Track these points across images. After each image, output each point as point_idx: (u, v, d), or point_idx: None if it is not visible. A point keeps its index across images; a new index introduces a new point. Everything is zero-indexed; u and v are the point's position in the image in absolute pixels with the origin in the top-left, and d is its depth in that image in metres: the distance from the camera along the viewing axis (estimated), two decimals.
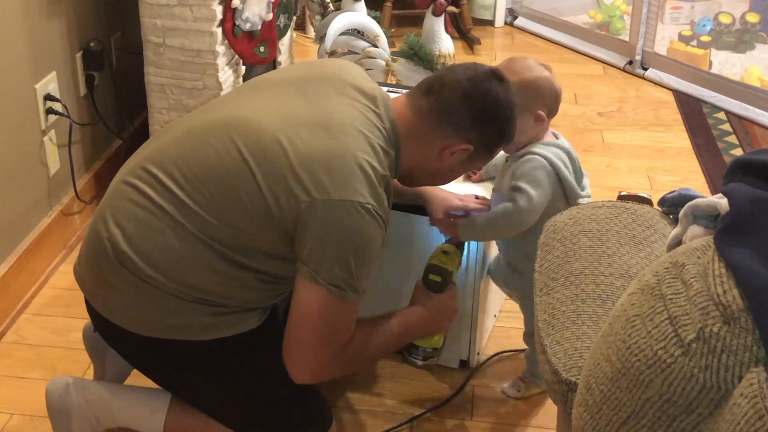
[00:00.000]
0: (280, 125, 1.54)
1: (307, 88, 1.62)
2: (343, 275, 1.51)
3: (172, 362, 1.64)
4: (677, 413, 0.94)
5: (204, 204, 1.52)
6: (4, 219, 2.20)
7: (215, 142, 1.55)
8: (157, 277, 1.53)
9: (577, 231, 1.45)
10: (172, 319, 1.56)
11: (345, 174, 1.49)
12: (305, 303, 1.54)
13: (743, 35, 4.04)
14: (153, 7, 2.47)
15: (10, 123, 2.19)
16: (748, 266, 0.92)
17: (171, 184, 1.54)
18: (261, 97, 1.63)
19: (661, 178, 2.98)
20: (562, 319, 1.29)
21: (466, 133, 1.62)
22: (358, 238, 1.51)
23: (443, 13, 2.91)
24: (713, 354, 0.90)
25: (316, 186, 1.48)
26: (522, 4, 4.39)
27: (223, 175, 1.52)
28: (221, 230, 1.52)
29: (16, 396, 1.98)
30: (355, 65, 1.78)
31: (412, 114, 1.63)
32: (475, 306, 1.99)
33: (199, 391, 1.68)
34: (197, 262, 1.54)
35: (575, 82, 3.73)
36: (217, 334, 1.58)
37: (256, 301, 1.61)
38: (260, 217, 1.51)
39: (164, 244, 1.53)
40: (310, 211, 1.48)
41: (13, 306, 2.23)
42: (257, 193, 1.50)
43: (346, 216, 1.49)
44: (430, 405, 1.96)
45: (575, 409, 1.09)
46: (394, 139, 1.61)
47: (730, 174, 1.07)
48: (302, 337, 1.56)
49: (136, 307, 1.57)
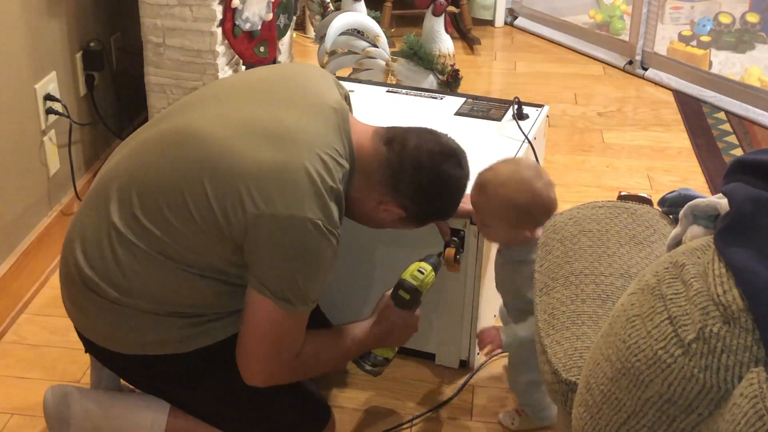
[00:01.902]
0: (232, 134, 1.51)
1: (265, 95, 1.60)
2: (292, 290, 1.50)
3: (160, 377, 1.64)
4: (677, 413, 0.94)
5: (158, 223, 1.51)
6: (4, 219, 2.20)
7: (166, 154, 1.53)
8: (124, 299, 1.53)
9: (577, 231, 1.45)
10: (150, 335, 1.56)
11: (295, 189, 1.47)
12: (254, 314, 1.53)
13: (743, 35, 4.04)
14: (153, 7, 2.47)
15: (10, 123, 2.19)
16: (748, 266, 0.92)
17: (127, 203, 1.53)
18: (216, 104, 1.60)
19: (661, 178, 2.98)
20: (562, 319, 1.29)
21: (403, 200, 1.63)
22: (306, 254, 1.50)
23: (443, 13, 2.91)
24: (713, 354, 0.91)
25: (265, 199, 1.46)
26: (522, 4, 4.39)
27: (173, 187, 1.50)
28: (176, 250, 1.51)
29: (16, 396, 1.98)
30: (322, 71, 1.75)
31: (370, 150, 1.61)
32: (474, 306, 1.99)
33: (192, 401, 1.68)
34: (161, 279, 1.53)
35: (575, 82, 3.73)
36: (198, 344, 1.57)
37: (231, 306, 1.59)
38: (210, 230, 1.49)
39: (124, 265, 1.52)
40: (258, 222, 1.46)
41: (13, 306, 2.22)
42: (206, 205, 1.48)
43: (295, 233, 1.47)
44: (430, 405, 1.96)
45: (575, 409, 1.09)
46: (351, 154, 1.59)
47: (730, 174, 1.07)
48: (252, 347, 1.56)
49: (112, 328, 1.57)
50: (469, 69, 3.68)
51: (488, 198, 1.70)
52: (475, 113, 2.39)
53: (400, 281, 1.77)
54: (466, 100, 2.48)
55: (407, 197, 1.62)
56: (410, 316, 1.77)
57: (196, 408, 1.68)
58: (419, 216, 1.68)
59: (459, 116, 2.38)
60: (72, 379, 2.02)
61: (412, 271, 1.76)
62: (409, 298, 1.75)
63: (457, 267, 1.87)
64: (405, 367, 2.03)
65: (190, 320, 1.56)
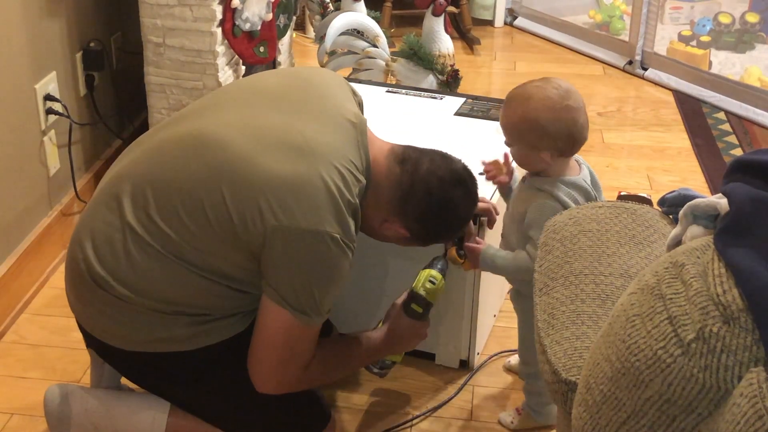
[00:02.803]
0: (252, 143, 1.52)
1: (284, 103, 1.60)
2: (308, 301, 1.51)
3: (162, 375, 1.64)
4: (677, 413, 0.94)
5: (173, 224, 1.51)
6: (4, 219, 2.20)
7: (184, 157, 1.53)
8: (133, 297, 1.53)
9: (577, 231, 1.45)
10: (155, 332, 1.56)
11: (314, 202, 1.47)
12: (269, 323, 1.54)
13: (743, 35, 4.04)
14: (153, 7, 2.47)
15: (10, 123, 2.19)
16: (748, 266, 0.92)
17: (141, 203, 1.53)
18: (235, 109, 1.60)
19: (661, 178, 2.98)
20: (561, 319, 1.29)
21: (408, 221, 1.64)
22: (323, 268, 1.51)
23: (443, 13, 2.91)
24: (713, 354, 0.91)
25: (284, 211, 1.46)
26: (522, 4, 4.39)
27: (191, 191, 1.50)
28: (190, 252, 1.51)
29: (16, 396, 1.98)
30: (341, 80, 1.75)
31: (384, 168, 1.62)
32: (474, 306, 1.99)
33: (193, 400, 1.68)
34: (172, 279, 1.53)
35: (575, 82, 3.69)
36: (202, 342, 1.58)
37: (238, 307, 1.60)
38: (226, 236, 1.49)
39: (137, 264, 1.52)
40: (277, 234, 1.46)
41: (13, 306, 2.23)
42: (224, 211, 1.48)
43: (313, 246, 1.48)
44: (430, 405, 1.97)
45: (575, 409, 1.09)
46: (367, 169, 1.60)
47: (730, 174, 1.07)
48: (264, 356, 1.57)
49: (118, 324, 1.57)
50: (468, 69, 3.68)
51: (511, 113, 1.67)
52: (474, 113, 2.39)
53: (412, 294, 1.77)
54: (466, 100, 2.48)
55: (414, 220, 1.65)
56: (422, 326, 1.79)
57: (198, 407, 1.68)
58: (423, 238, 1.70)
59: (459, 116, 2.38)
60: (72, 378, 2.02)
61: (423, 282, 1.76)
62: (422, 311, 1.77)
63: (466, 263, 1.85)
64: (405, 367, 2.03)
65: (195, 318, 1.56)
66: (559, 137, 1.63)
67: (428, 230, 1.68)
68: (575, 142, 1.66)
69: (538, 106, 1.63)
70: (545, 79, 1.68)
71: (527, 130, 1.64)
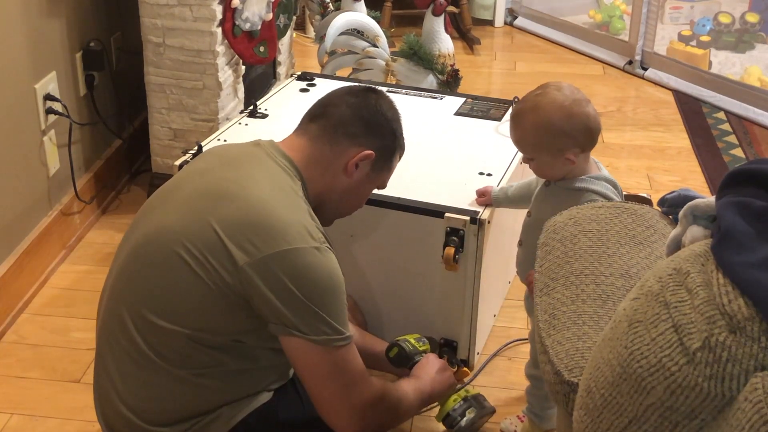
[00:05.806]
0: (185, 211, 1.49)
1: (205, 173, 1.57)
2: (318, 323, 1.46)
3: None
4: (679, 419, 0.94)
5: (172, 319, 1.47)
6: (4, 219, 2.20)
7: (155, 259, 1.49)
8: (163, 430, 1.52)
9: (577, 231, 1.45)
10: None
11: (269, 226, 1.44)
12: (301, 361, 1.49)
13: (743, 35, 4.04)
14: (153, 7, 2.47)
15: (10, 123, 2.19)
16: (750, 276, 0.92)
17: (141, 324, 1.49)
18: (163, 205, 1.57)
19: (661, 178, 2.98)
20: (563, 320, 1.29)
21: (363, 140, 1.61)
22: (315, 281, 1.45)
23: (443, 13, 2.91)
24: (719, 363, 0.90)
25: (247, 247, 1.43)
26: (522, 4, 4.39)
27: (171, 283, 1.47)
28: (199, 351, 1.48)
29: (16, 396, 1.98)
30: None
31: (305, 141, 1.60)
32: (474, 306, 1.99)
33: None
34: (199, 396, 1.51)
35: (575, 82, 3.70)
36: (236, 419, 1.55)
37: (270, 380, 1.59)
38: (214, 301, 1.45)
39: (158, 396, 1.51)
40: (254, 271, 1.42)
41: (13, 306, 2.22)
42: (192, 275, 1.44)
43: (294, 264, 1.44)
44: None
45: (576, 412, 1.09)
46: (294, 169, 1.57)
47: (721, 190, 1.07)
48: (320, 394, 1.51)
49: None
50: (468, 69, 3.68)
51: (524, 128, 1.66)
52: (474, 113, 2.39)
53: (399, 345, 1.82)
54: (466, 100, 2.48)
55: (363, 136, 1.61)
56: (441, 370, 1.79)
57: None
58: (384, 150, 1.64)
59: (459, 116, 2.38)
60: (72, 378, 2.02)
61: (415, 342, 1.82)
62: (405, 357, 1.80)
63: (456, 266, 1.87)
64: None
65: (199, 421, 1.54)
66: (578, 133, 1.64)
67: (381, 136, 1.62)
68: (594, 134, 1.67)
69: (549, 110, 1.63)
70: (543, 86, 1.69)
71: (545, 136, 1.64)
